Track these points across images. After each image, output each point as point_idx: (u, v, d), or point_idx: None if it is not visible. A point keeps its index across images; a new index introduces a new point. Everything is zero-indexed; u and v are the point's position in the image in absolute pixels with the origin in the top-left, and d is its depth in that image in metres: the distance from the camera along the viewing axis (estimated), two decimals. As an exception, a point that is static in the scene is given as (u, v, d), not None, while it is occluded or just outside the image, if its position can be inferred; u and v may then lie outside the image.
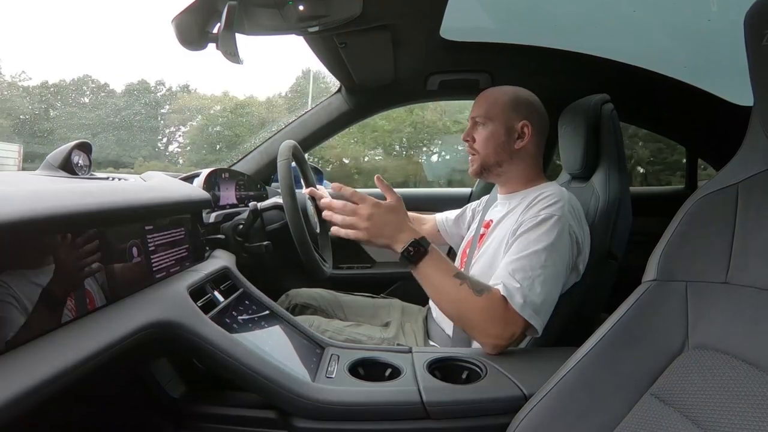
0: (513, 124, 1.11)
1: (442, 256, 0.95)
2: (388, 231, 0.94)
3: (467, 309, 0.91)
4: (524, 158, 1.14)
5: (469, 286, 0.91)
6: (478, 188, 2.02)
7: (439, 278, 0.93)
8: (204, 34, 0.94)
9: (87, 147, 1.05)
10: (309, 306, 1.40)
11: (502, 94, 1.15)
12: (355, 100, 1.78)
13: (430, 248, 0.93)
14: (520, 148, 1.12)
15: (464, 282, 0.91)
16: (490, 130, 1.13)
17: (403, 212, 0.96)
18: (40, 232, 0.59)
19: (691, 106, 1.81)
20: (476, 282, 0.93)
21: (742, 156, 0.65)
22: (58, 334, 0.59)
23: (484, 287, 0.92)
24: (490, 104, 1.14)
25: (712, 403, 0.53)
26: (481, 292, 0.90)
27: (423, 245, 0.92)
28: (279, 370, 0.77)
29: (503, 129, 1.12)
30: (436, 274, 0.93)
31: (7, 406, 0.45)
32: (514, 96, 1.14)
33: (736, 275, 0.59)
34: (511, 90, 1.15)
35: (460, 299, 0.91)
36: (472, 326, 0.92)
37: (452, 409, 0.77)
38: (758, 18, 0.58)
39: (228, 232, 1.24)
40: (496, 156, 1.13)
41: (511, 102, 1.12)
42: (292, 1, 0.95)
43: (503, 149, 1.13)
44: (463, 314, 0.92)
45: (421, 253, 0.92)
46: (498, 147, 1.13)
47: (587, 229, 1.05)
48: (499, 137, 1.12)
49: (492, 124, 1.13)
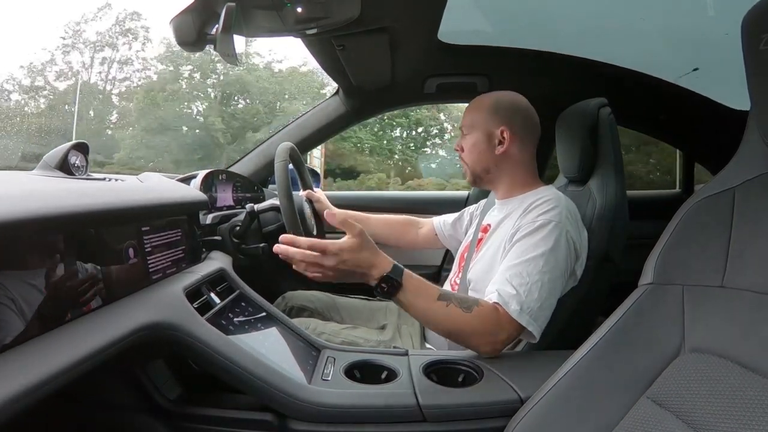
0: (492, 131, 1.11)
1: (419, 282, 0.90)
2: (358, 271, 0.86)
3: (458, 327, 0.89)
4: (511, 163, 1.13)
5: (456, 305, 0.88)
6: (475, 192, 2.02)
7: (422, 304, 0.89)
8: (202, 36, 0.94)
9: (84, 147, 1.05)
10: (305, 308, 1.40)
11: (483, 101, 1.15)
12: (353, 102, 1.78)
13: (404, 278, 0.87)
14: (501, 153, 1.11)
15: (450, 303, 0.88)
16: (473, 138, 1.14)
17: (367, 247, 0.87)
18: (36, 233, 0.58)
19: (688, 109, 1.81)
20: (462, 298, 0.90)
21: (738, 160, 0.65)
22: (54, 335, 0.58)
23: (471, 302, 0.90)
24: (472, 113, 1.15)
25: (708, 407, 0.54)
26: (470, 308, 0.89)
27: (395, 278, 0.86)
28: (275, 372, 0.76)
29: (483, 136, 1.12)
30: (417, 302, 0.89)
31: (2, 407, 0.45)
32: (494, 102, 1.14)
33: (733, 279, 0.59)
34: (493, 96, 1.15)
35: (449, 320, 0.89)
36: (466, 341, 0.92)
37: (448, 412, 0.77)
38: (756, 23, 0.58)
39: (225, 233, 1.23)
40: (481, 164, 1.14)
41: (491, 108, 1.13)
42: (291, 3, 0.95)
43: (486, 156, 1.13)
44: (455, 332, 0.91)
45: (395, 287, 0.87)
46: (481, 154, 1.13)
47: (585, 234, 1.05)
48: (480, 145, 1.13)
49: (474, 132, 1.14)
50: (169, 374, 0.86)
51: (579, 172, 1.19)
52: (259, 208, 1.32)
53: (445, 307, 0.88)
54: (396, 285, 0.87)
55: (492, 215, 1.21)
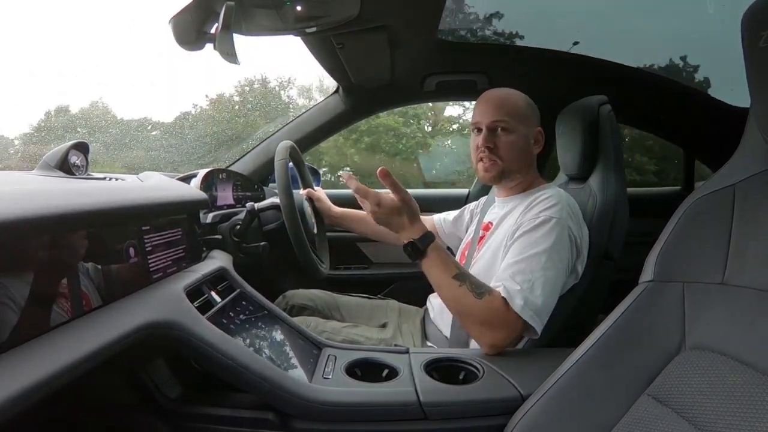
0: (532, 130, 1.12)
1: (443, 256, 0.97)
2: (392, 227, 1.01)
3: (467, 309, 0.92)
4: (535, 163, 1.16)
5: (468, 288, 0.92)
6: (475, 189, 2.02)
7: (439, 277, 0.96)
8: (201, 34, 0.94)
9: (84, 147, 1.05)
10: (306, 307, 1.40)
11: (518, 99, 1.12)
12: (353, 100, 1.78)
13: (430, 249, 0.96)
14: (536, 153, 1.14)
15: (464, 284, 0.93)
16: (514, 136, 1.09)
17: (403, 213, 0.99)
18: (36, 232, 0.58)
19: (689, 107, 1.81)
20: (478, 283, 0.93)
21: (739, 157, 0.65)
22: (54, 334, 0.58)
23: (485, 289, 0.92)
24: (512, 110, 1.10)
25: (709, 404, 0.54)
26: (482, 295, 0.91)
27: (420, 247, 0.96)
28: (276, 371, 0.76)
29: (525, 135, 1.11)
30: (435, 273, 0.96)
31: (2, 407, 0.45)
32: (528, 101, 1.13)
33: (733, 276, 0.59)
34: (522, 95, 1.14)
35: (460, 300, 0.92)
36: (471, 326, 0.93)
37: (449, 410, 0.77)
38: (755, 20, 0.58)
39: (225, 232, 1.23)
40: (519, 162, 1.12)
41: (529, 107, 1.13)
42: (290, 1, 0.95)
43: (526, 155, 1.13)
44: (463, 313, 0.94)
45: (419, 254, 0.96)
46: (522, 153, 1.11)
47: (586, 230, 1.05)
48: (526, 144, 1.11)
49: (517, 130, 1.09)
50: (169, 373, 0.86)
51: (579, 170, 1.19)
52: (260, 207, 1.32)
53: (458, 286, 0.93)
54: (419, 252, 0.96)
55: (493, 213, 1.21)
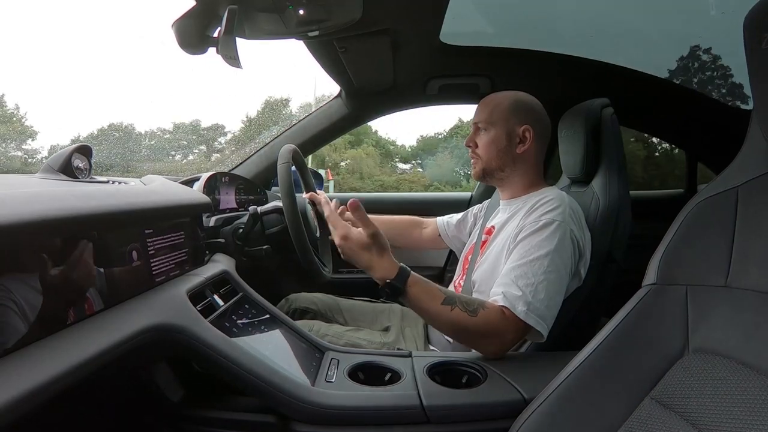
0: (514, 129, 1.12)
1: (424, 286, 0.91)
2: (359, 263, 0.92)
3: (464, 330, 0.90)
4: (527, 163, 1.15)
5: (461, 309, 0.89)
6: (477, 192, 2.02)
7: (428, 308, 0.90)
8: (204, 38, 0.95)
9: (87, 150, 1.05)
10: (309, 310, 1.40)
11: (503, 98, 1.15)
12: (355, 104, 1.79)
13: (408, 285, 0.89)
14: (522, 152, 1.13)
15: (455, 306, 0.89)
16: (491, 135, 1.14)
17: (375, 248, 0.91)
18: (39, 235, 0.58)
19: (691, 109, 1.81)
20: (468, 301, 0.91)
21: (741, 159, 0.65)
22: (57, 337, 0.58)
23: (477, 305, 0.90)
24: (491, 109, 1.15)
25: (713, 407, 0.53)
26: (476, 311, 0.89)
27: (398, 285, 0.88)
28: (279, 374, 0.76)
29: (504, 134, 1.12)
30: (421, 306, 0.90)
31: (6, 409, 0.45)
32: (516, 100, 1.14)
33: (737, 279, 0.59)
34: (512, 95, 1.16)
35: (455, 323, 0.89)
36: (472, 343, 0.93)
37: (452, 414, 0.77)
38: (757, 21, 0.58)
39: (228, 236, 1.23)
40: (498, 161, 1.14)
41: (513, 106, 1.13)
42: (293, 5, 0.95)
43: (505, 154, 1.13)
44: (462, 334, 0.92)
45: (398, 292, 0.89)
46: (500, 152, 1.13)
47: (588, 233, 1.05)
48: (500, 142, 1.13)
49: (494, 129, 1.13)
50: (172, 376, 0.86)
51: (582, 173, 1.19)
52: (262, 210, 1.32)
53: (449, 311, 0.88)
54: (398, 291, 0.88)
55: (496, 216, 1.21)
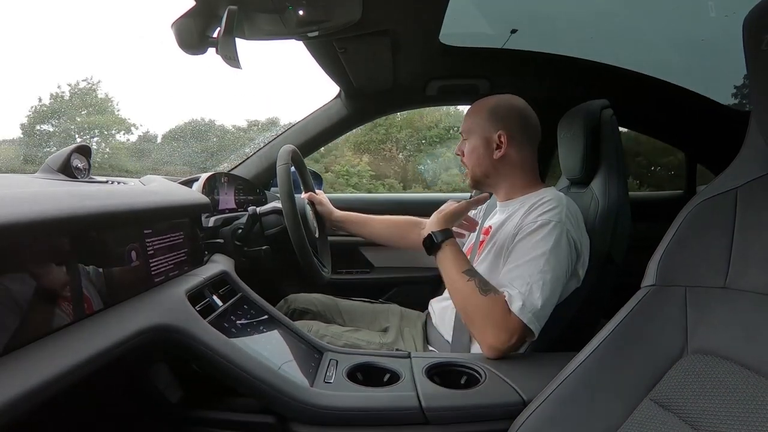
0: (490, 135, 1.12)
1: (456, 252, 1.02)
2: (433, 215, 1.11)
3: (470, 304, 0.94)
4: (510, 166, 1.14)
5: (475, 284, 0.95)
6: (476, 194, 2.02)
7: (449, 270, 1.00)
8: (204, 39, 0.94)
9: (86, 150, 1.05)
10: (308, 311, 1.39)
11: (482, 106, 1.16)
12: (355, 105, 1.79)
13: (444, 245, 1.03)
14: (499, 158, 1.12)
15: (472, 279, 0.96)
16: (471, 143, 1.15)
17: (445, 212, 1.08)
18: (38, 236, 0.58)
19: (690, 110, 1.81)
20: (484, 281, 0.96)
21: (740, 161, 0.65)
22: (56, 337, 0.58)
23: (491, 288, 0.94)
24: (471, 117, 1.16)
25: (712, 408, 0.53)
26: (487, 293, 0.93)
27: (436, 241, 1.04)
28: (277, 375, 0.76)
29: (481, 141, 1.13)
30: (446, 266, 1.02)
31: (5, 409, 0.45)
32: (492, 106, 1.14)
33: (736, 280, 0.59)
34: (491, 100, 1.16)
35: (465, 294, 0.95)
36: (473, 322, 0.95)
37: (451, 415, 0.77)
38: (757, 23, 0.58)
39: (227, 236, 1.23)
40: (480, 168, 1.15)
41: (488, 113, 1.13)
42: (292, 6, 0.95)
43: (485, 161, 1.14)
44: (466, 308, 0.96)
45: (435, 248, 1.03)
46: (480, 159, 1.14)
47: (586, 234, 1.05)
48: (478, 149, 1.14)
49: (472, 137, 1.15)
50: (171, 377, 0.86)
51: (581, 174, 1.19)
52: (261, 211, 1.32)
53: (466, 281, 0.96)
54: (436, 247, 1.04)
55: (494, 217, 1.21)
